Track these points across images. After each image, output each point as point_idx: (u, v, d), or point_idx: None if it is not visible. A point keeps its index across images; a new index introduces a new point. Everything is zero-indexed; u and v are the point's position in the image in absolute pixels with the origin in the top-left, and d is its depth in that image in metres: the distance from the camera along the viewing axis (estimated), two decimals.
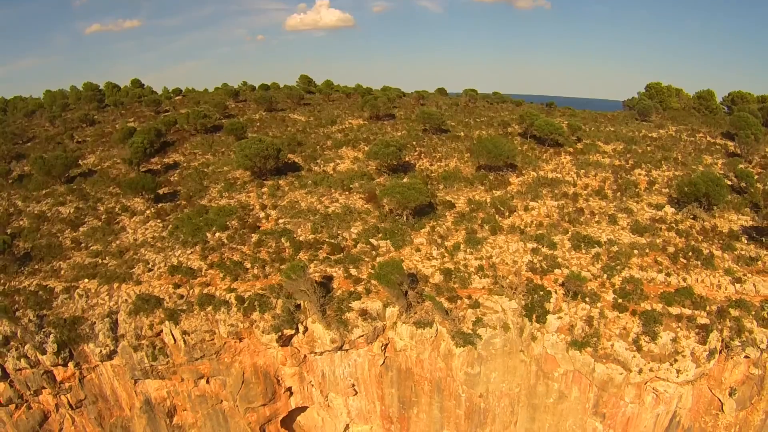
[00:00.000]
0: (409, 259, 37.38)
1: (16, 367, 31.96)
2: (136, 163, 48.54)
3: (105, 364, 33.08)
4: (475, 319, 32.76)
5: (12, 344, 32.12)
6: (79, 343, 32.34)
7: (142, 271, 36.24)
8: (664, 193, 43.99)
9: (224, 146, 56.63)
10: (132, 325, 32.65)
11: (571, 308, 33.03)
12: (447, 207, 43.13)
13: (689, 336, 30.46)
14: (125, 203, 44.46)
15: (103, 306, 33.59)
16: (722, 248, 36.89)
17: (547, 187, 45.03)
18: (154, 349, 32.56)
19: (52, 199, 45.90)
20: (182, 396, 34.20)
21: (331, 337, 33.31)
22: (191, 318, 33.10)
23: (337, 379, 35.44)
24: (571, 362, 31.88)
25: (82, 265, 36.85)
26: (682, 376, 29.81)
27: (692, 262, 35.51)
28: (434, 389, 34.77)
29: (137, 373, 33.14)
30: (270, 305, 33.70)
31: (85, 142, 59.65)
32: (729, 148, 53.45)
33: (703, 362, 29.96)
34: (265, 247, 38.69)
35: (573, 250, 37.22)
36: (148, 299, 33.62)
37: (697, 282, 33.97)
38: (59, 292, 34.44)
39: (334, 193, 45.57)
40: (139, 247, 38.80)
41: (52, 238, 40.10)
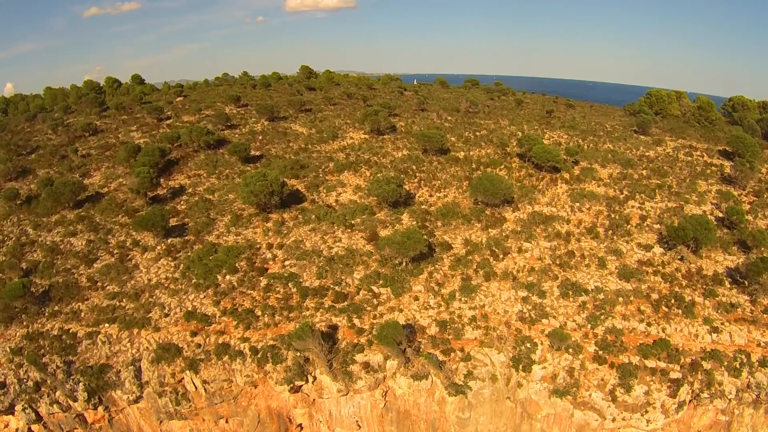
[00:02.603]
0: (408, 308, 40.19)
1: (49, 412, 35.50)
2: (143, 193, 50.58)
3: (132, 407, 36.57)
4: (467, 372, 35.91)
5: (43, 390, 35.46)
6: (107, 390, 35.71)
7: (159, 316, 39.14)
8: (654, 229, 46.24)
9: (228, 167, 58.58)
10: (155, 373, 35.93)
11: (555, 358, 36.14)
12: (444, 249, 45.54)
13: (661, 389, 33.76)
14: (136, 237, 46.84)
15: (126, 353, 36.75)
16: (704, 294, 39.53)
17: (542, 225, 47.24)
18: (177, 395, 35.96)
19: (63, 228, 48.26)
20: None
21: (338, 388, 36.66)
22: (210, 367, 36.28)
23: (342, 418, 38.92)
24: (552, 407, 35.26)
25: (101, 308, 39.72)
26: (651, 425, 33.36)
27: (673, 310, 38.30)
28: (429, 428, 38.34)
29: (162, 416, 36.76)
30: (281, 357, 36.80)
31: (90, 156, 61.39)
32: (725, 169, 55.13)
33: (671, 414, 33.37)
34: (273, 292, 41.42)
35: (561, 297, 39.94)
36: (168, 348, 36.71)
37: (676, 332, 36.82)
38: (82, 337, 37.51)
39: (337, 231, 47.81)
40: (153, 288, 41.50)
41: (68, 276, 42.76)
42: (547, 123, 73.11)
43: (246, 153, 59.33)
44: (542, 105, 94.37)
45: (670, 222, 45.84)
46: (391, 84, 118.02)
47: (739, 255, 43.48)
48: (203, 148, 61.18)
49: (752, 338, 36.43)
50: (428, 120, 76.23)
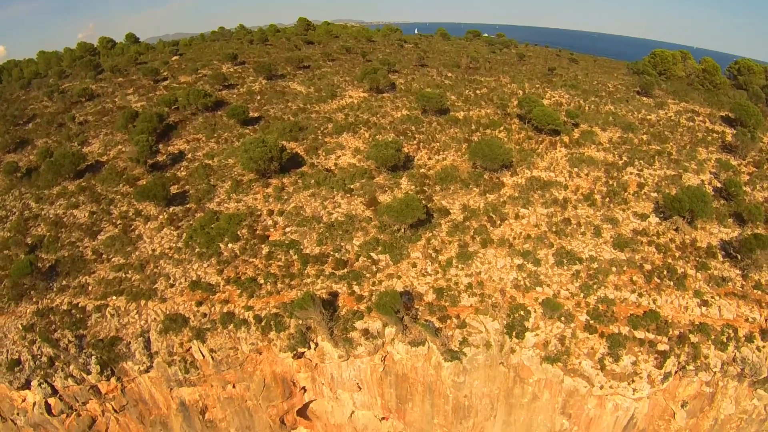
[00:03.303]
0: (406, 275, 41.26)
1: (64, 385, 37.41)
2: (143, 161, 50.78)
3: (143, 376, 38.44)
4: (462, 339, 37.46)
5: (57, 364, 37.21)
6: (119, 362, 37.46)
7: (164, 286, 40.39)
8: (651, 198, 46.58)
9: (227, 130, 58.36)
10: (164, 344, 37.60)
11: (548, 326, 37.55)
12: (442, 214, 46.12)
13: (648, 360, 35.32)
14: (138, 207, 47.38)
15: (135, 325, 38.27)
16: (696, 267, 40.33)
17: (539, 191, 47.57)
18: (186, 364, 37.79)
19: (65, 200, 48.80)
20: (212, 398, 40.04)
21: (339, 354, 38.37)
22: (216, 336, 37.88)
23: (344, 380, 40.88)
24: (543, 373, 37.06)
25: (108, 281, 40.87)
26: (637, 394, 35.23)
27: (665, 282, 39.27)
28: (426, 390, 40.36)
29: (172, 383, 38.73)
30: (284, 325, 38.28)
31: (87, 122, 61.05)
32: (726, 137, 54.72)
33: (657, 384, 35.09)
34: (275, 260, 42.44)
35: (556, 266, 40.88)
36: (175, 318, 38.18)
37: (666, 303, 37.99)
38: (91, 311, 38.88)
39: (336, 196, 48.26)
40: (158, 259, 42.50)
41: (73, 249, 43.70)
42: (548, 81, 71.81)
43: (244, 115, 58.93)
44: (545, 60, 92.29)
45: (667, 191, 46.13)
46: (390, 36, 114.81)
47: (734, 228, 43.91)
48: (201, 111, 60.72)
49: (741, 313, 37.49)
50: (428, 77, 74.94)
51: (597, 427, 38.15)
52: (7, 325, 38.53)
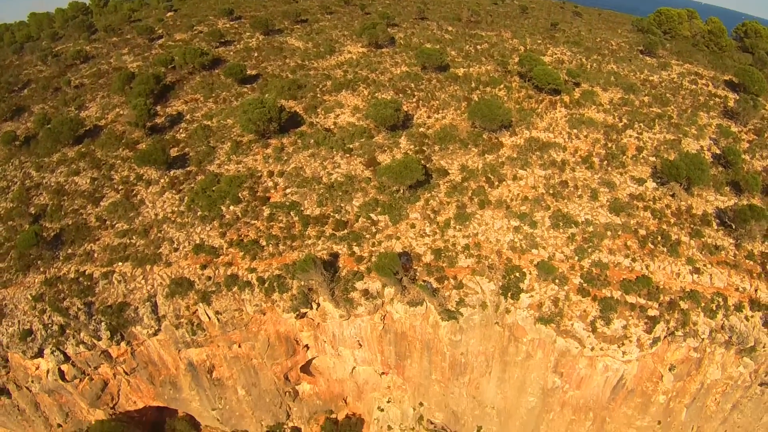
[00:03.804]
0: (405, 236, 42.07)
1: (76, 352, 38.96)
2: (142, 124, 50.58)
3: (152, 339, 39.94)
4: (459, 299, 38.70)
5: (68, 332, 38.60)
6: (128, 327, 38.84)
7: (169, 251, 41.28)
8: (650, 162, 46.70)
9: (225, 89, 57.77)
10: (171, 308, 38.90)
11: (542, 288, 38.66)
12: (441, 175, 46.45)
13: (638, 325, 36.60)
14: (139, 171, 47.61)
15: (142, 290, 39.42)
16: (691, 234, 40.95)
17: (538, 152, 47.69)
18: (193, 326, 39.21)
19: (66, 167, 48.88)
20: (219, 357, 41.79)
21: (340, 313, 39.77)
22: (221, 299, 39.13)
23: (345, 338, 42.52)
24: (537, 333, 38.49)
25: (113, 247, 41.71)
26: (626, 357, 36.76)
27: (659, 248, 40.01)
28: (424, 347, 42.06)
29: (180, 345, 40.32)
30: (287, 286, 39.45)
31: (83, 86, 60.30)
32: (729, 102, 54.06)
33: (646, 348, 36.51)
34: (276, 222, 43.14)
35: (552, 228, 41.59)
36: (181, 282, 39.31)
37: (659, 269, 38.85)
38: (98, 278, 39.92)
39: (336, 156, 48.43)
40: (161, 223, 43.18)
41: (77, 217, 44.27)
42: (551, 37, 70.16)
43: (242, 74, 58.16)
44: (548, 12, 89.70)
45: (666, 156, 46.21)
46: None
47: (731, 196, 44.15)
48: (198, 70, 59.91)
49: (732, 282, 38.33)
50: (428, 31, 73.23)
51: (587, 385, 40.06)
52: (17, 296, 39.60)
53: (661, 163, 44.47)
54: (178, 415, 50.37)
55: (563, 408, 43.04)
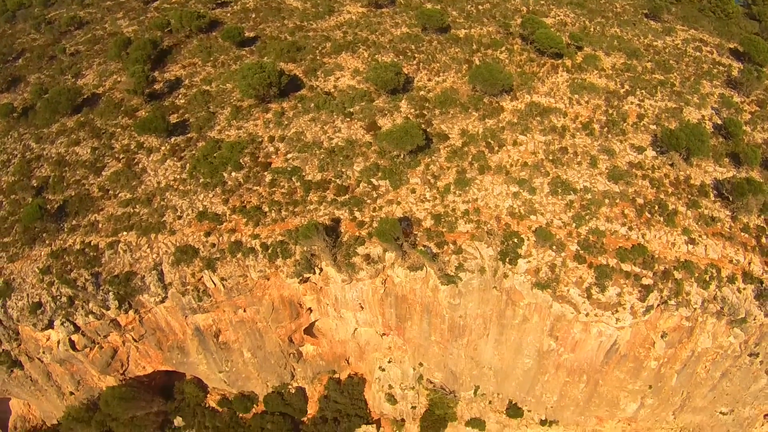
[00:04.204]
0: (405, 201, 42.61)
1: (86, 322, 40.11)
2: (141, 92, 50.14)
3: (159, 307, 41.08)
4: (458, 264, 39.66)
5: (77, 303, 39.64)
6: (135, 295, 39.86)
7: (172, 219, 41.87)
8: (650, 130, 46.49)
9: (223, 53, 56.87)
10: (176, 275, 39.87)
11: (539, 254, 39.60)
12: (441, 140, 46.49)
13: (632, 293, 37.64)
14: (139, 140, 47.51)
15: (147, 259, 40.26)
16: (688, 204, 41.31)
17: (538, 117, 47.52)
18: (199, 292, 40.29)
19: (65, 137, 48.65)
20: (225, 322, 43.15)
21: (342, 278, 40.87)
22: (225, 265, 40.07)
23: (347, 301, 43.75)
24: (534, 297, 39.64)
25: (117, 217, 42.22)
26: (619, 323, 38.08)
27: (655, 217, 40.54)
28: (424, 310, 43.35)
29: (187, 311, 41.52)
30: (290, 252, 40.32)
31: (79, 53, 59.29)
32: (732, 71, 53.23)
33: (639, 315, 37.69)
34: (278, 187, 43.58)
35: (550, 195, 42.06)
36: (186, 250, 40.16)
37: (655, 238, 39.51)
38: (104, 248, 40.63)
39: (336, 120, 48.32)
40: (163, 191, 43.60)
41: (79, 188, 44.54)
42: None
43: (240, 37, 57.15)
44: None
45: (666, 125, 45.94)
46: None
47: (730, 168, 44.12)
48: (195, 34, 58.77)
49: (726, 254, 39.03)
50: None
51: (582, 349, 41.57)
52: (24, 270, 40.36)
53: (662, 132, 44.39)
54: (186, 378, 52.33)
55: (558, 370, 44.82)
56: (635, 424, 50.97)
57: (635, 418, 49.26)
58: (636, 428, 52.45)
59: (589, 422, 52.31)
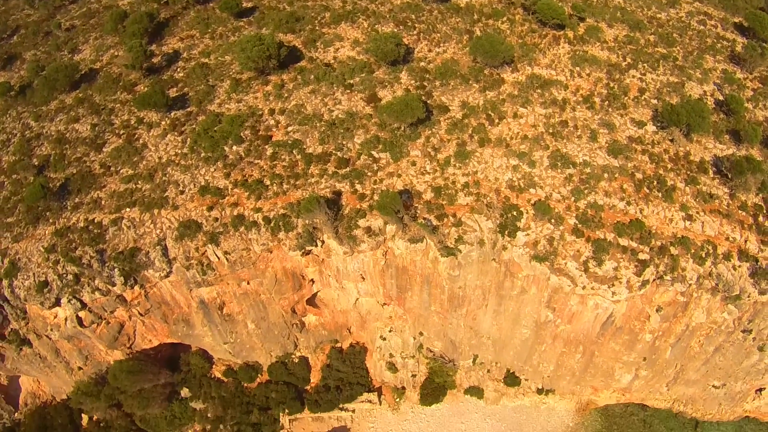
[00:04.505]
0: (406, 173, 42.94)
1: (92, 299, 40.79)
2: (139, 66, 49.72)
3: (164, 281, 41.76)
4: (457, 237, 40.26)
5: (83, 280, 40.25)
6: (140, 271, 40.47)
7: (175, 194, 42.23)
8: (651, 104, 46.26)
9: (221, 24, 56.14)
10: (180, 250, 40.47)
11: (538, 227, 40.19)
12: (441, 111, 46.40)
13: (629, 267, 38.28)
14: (139, 115, 47.35)
15: (151, 234, 40.75)
16: (686, 181, 41.48)
17: (539, 90, 47.33)
18: (203, 266, 40.91)
19: (65, 115, 48.38)
20: (229, 295, 43.98)
21: (344, 250, 41.59)
22: (228, 239, 40.65)
23: (348, 272, 44.48)
24: (532, 270, 40.42)
25: (120, 193, 42.49)
26: (615, 297, 38.89)
27: (654, 193, 40.82)
28: (424, 281, 44.19)
29: (191, 285, 42.26)
30: (292, 225, 40.86)
31: (74, 28, 58.46)
32: (736, 47, 52.47)
33: (635, 290, 38.43)
34: (279, 161, 43.81)
35: (550, 168, 42.33)
36: (189, 225, 40.66)
37: (653, 214, 39.88)
38: (108, 225, 41.06)
39: (336, 92, 48.17)
40: (165, 166, 43.80)
41: (81, 165, 44.61)
42: None
43: (238, 7, 56.33)
44: None
45: (668, 100, 45.72)
46: None
47: (730, 145, 44.01)
48: (192, 5, 57.86)
49: (722, 231, 39.37)
50: None
51: (578, 321, 42.62)
52: (29, 249, 40.79)
53: (662, 107, 44.24)
54: (192, 350, 53.58)
55: (555, 340, 46.03)
56: (629, 394, 52.65)
57: (629, 388, 50.77)
58: (630, 398, 54.25)
59: (584, 392, 54.08)
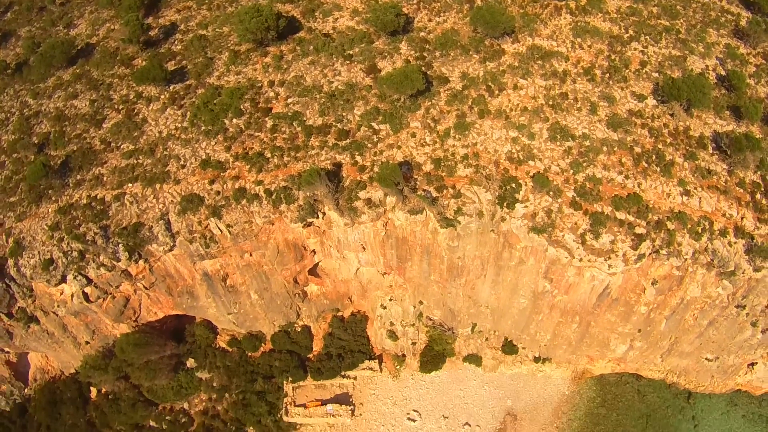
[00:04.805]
0: (405, 145, 43.16)
1: (98, 274, 41.49)
2: (136, 40, 49.31)
3: (167, 255, 42.43)
4: (456, 208, 40.76)
5: (88, 257, 40.87)
6: (144, 245, 41.09)
7: (176, 168, 42.54)
8: (652, 78, 45.74)
9: None
10: (183, 224, 41.04)
11: (536, 199, 40.59)
12: (441, 82, 46.14)
13: (625, 240, 38.82)
14: (138, 89, 47.18)
15: (154, 209, 41.24)
16: (685, 156, 41.47)
17: (540, 61, 46.91)
18: (206, 239, 41.58)
19: (63, 91, 48.16)
20: (232, 266, 44.75)
21: (345, 221, 42.24)
22: (230, 212, 41.19)
23: (349, 242, 45.22)
24: (530, 241, 41.06)
25: (121, 169, 42.76)
26: (611, 270, 39.57)
27: (652, 167, 40.93)
28: (424, 251, 44.96)
29: (195, 258, 42.97)
30: (294, 197, 41.36)
31: (69, 2, 57.64)
32: (740, 21, 51.47)
33: (631, 263, 39.04)
34: (279, 133, 43.95)
35: (549, 140, 42.40)
36: (191, 199, 41.16)
37: (650, 188, 40.07)
38: (110, 201, 41.49)
39: (336, 63, 47.87)
40: (166, 141, 43.97)
41: (81, 142, 44.71)
42: None
43: None
44: None
45: (669, 74, 45.20)
46: None
47: (730, 121, 43.69)
48: None
49: (719, 207, 39.58)
50: None
51: (575, 291, 43.48)
52: (33, 228, 41.25)
53: (663, 82, 43.86)
54: (196, 321, 54.73)
55: (552, 310, 47.07)
56: (624, 364, 54.02)
57: (624, 358, 52.07)
58: (625, 369, 55.71)
59: (580, 361, 55.56)
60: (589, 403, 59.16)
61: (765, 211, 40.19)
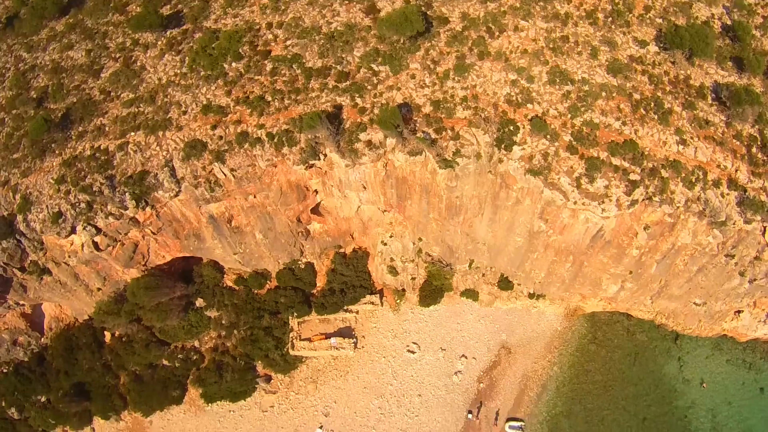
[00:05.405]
0: (405, 86, 43.44)
1: (106, 223, 42.72)
2: None
3: (173, 200, 43.63)
4: (455, 150, 41.67)
5: (96, 207, 41.93)
6: (150, 193, 42.16)
7: (178, 114, 43.03)
8: (656, 24, 44.83)
9: None
10: (188, 170, 42.08)
11: (534, 142, 41.27)
12: (441, 23, 45.54)
13: (619, 186, 39.69)
14: (134, 36, 46.72)
15: (158, 156, 42.08)
16: (684, 105, 41.39)
17: (541, 3, 45.71)
18: (210, 184, 42.76)
19: (57, 43, 47.50)
20: (237, 208, 46.16)
21: (346, 163, 43.31)
22: (234, 156, 42.16)
23: (350, 182, 46.51)
24: (526, 182, 42.18)
25: (123, 118, 43.12)
26: (604, 213, 40.85)
27: (650, 115, 41.09)
28: (423, 190, 46.28)
29: (200, 202, 44.28)
30: (295, 140, 42.20)
31: None
32: None
33: (624, 208, 40.17)
34: (279, 76, 44.12)
35: (548, 84, 42.43)
36: (195, 145, 41.94)
37: (647, 135, 40.46)
38: (114, 151, 42.18)
39: (334, 4, 47.13)
40: (165, 87, 44.18)
41: (80, 93, 44.74)
42: None
43: None
44: None
45: (673, 20, 44.24)
46: None
47: (732, 72, 42.98)
48: None
49: (714, 158, 39.90)
50: None
51: (569, 232, 44.96)
52: (39, 183, 41.99)
53: (666, 29, 43.11)
54: (203, 262, 56.63)
55: (546, 249, 48.81)
56: (615, 304, 56.21)
57: (615, 298, 54.18)
58: (616, 308, 58.02)
59: (573, 298, 58.01)
60: (581, 339, 61.67)
61: (760, 165, 40.58)
